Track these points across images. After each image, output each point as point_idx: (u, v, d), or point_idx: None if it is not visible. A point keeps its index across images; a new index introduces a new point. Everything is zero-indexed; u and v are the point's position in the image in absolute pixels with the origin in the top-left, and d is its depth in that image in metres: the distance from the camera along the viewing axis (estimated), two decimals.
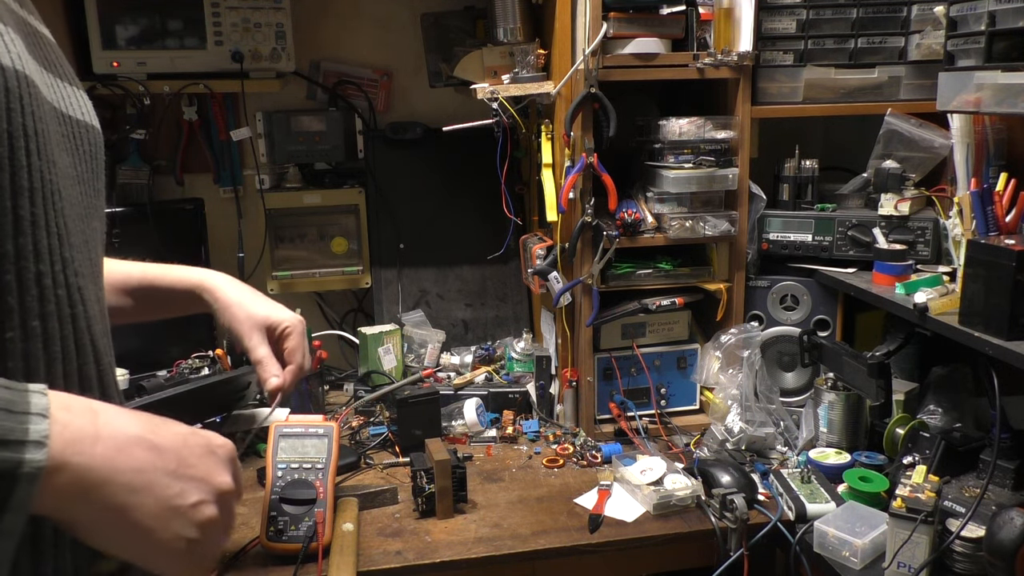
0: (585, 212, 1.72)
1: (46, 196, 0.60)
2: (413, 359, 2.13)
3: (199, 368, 1.90)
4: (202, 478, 0.61)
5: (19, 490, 0.50)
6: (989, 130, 1.56)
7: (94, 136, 0.73)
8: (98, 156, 0.74)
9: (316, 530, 1.35)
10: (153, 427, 0.60)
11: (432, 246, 2.23)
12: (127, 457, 0.56)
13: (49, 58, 0.70)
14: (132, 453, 0.57)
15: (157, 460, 0.58)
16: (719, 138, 1.75)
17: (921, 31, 1.74)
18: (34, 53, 0.65)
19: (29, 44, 0.64)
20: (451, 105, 2.22)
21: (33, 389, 0.53)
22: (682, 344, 1.89)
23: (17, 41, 0.60)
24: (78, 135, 0.70)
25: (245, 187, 2.19)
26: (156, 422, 0.61)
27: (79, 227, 0.67)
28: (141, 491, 0.56)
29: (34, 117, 0.59)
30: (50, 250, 0.60)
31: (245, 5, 1.97)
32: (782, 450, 1.72)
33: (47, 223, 0.60)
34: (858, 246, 1.75)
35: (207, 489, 0.61)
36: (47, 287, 0.60)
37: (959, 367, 1.66)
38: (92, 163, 0.72)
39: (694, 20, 1.74)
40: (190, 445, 0.62)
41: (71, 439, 0.53)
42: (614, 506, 1.53)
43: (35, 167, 0.59)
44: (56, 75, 0.69)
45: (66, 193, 0.64)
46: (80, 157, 0.70)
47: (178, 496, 0.58)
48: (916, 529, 1.24)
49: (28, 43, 0.64)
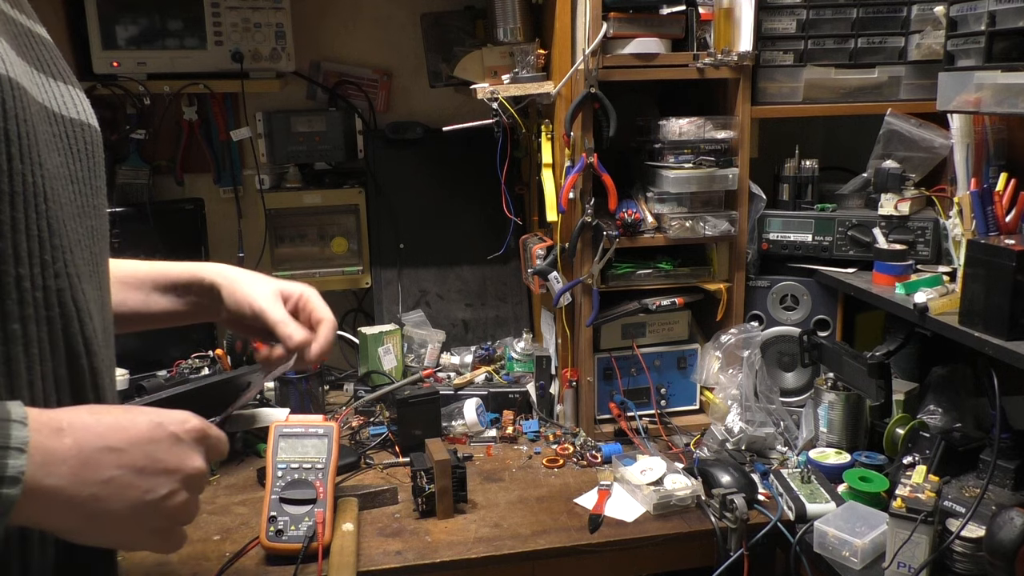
0: (585, 212, 1.72)
1: (27, 200, 0.60)
2: (413, 359, 2.13)
3: (199, 368, 1.90)
4: (172, 469, 0.64)
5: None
6: (989, 130, 1.56)
7: (91, 134, 0.73)
8: (96, 154, 0.74)
9: (316, 530, 1.35)
10: (117, 427, 0.62)
11: (432, 246, 2.23)
12: (93, 470, 0.59)
13: (43, 58, 0.70)
14: (99, 464, 0.59)
15: (125, 462, 0.61)
16: (719, 138, 1.75)
17: (921, 31, 1.74)
18: (25, 54, 0.65)
19: (19, 45, 0.65)
20: (451, 105, 2.22)
21: (15, 418, 0.55)
22: (682, 344, 1.89)
23: (2, 43, 0.60)
24: (72, 134, 0.70)
25: (245, 187, 2.19)
26: (123, 422, 0.63)
27: (73, 226, 0.67)
28: (110, 499, 0.60)
29: (17, 120, 0.59)
30: (30, 253, 0.61)
31: (245, 5, 1.97)
32: (782, 450, 1.72)
33: (27, 226, 0.61)
34: (858, 246, 1.75)
35: (177, 478, 0.64)
36: (26, 290, 0.61)
37: (959, 367, 1.66)
38: (89, 161, 0.72)
39: (694, 20, 1.74)
40: (156, 440, 0.64)
41: (41, 462, 0.56)
42: (614, 506, 1.53)
43: (16, 171, 0.59)
44: (50, 75, 0.69)
45: (57, 193, 0.64)
46: (74, 156, 0.70)
47: (148, 492, 0.62)
48: (916, 529, 1.24)
49: (18, 44, 0.64)
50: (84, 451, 0.59)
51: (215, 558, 1.37)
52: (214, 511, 1.53)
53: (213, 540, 1.43)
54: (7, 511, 0.53)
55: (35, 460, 0.55)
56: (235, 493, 1.60)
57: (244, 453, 1.77)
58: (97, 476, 0.59)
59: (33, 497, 0.55)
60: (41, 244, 0.62)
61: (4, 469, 0.53)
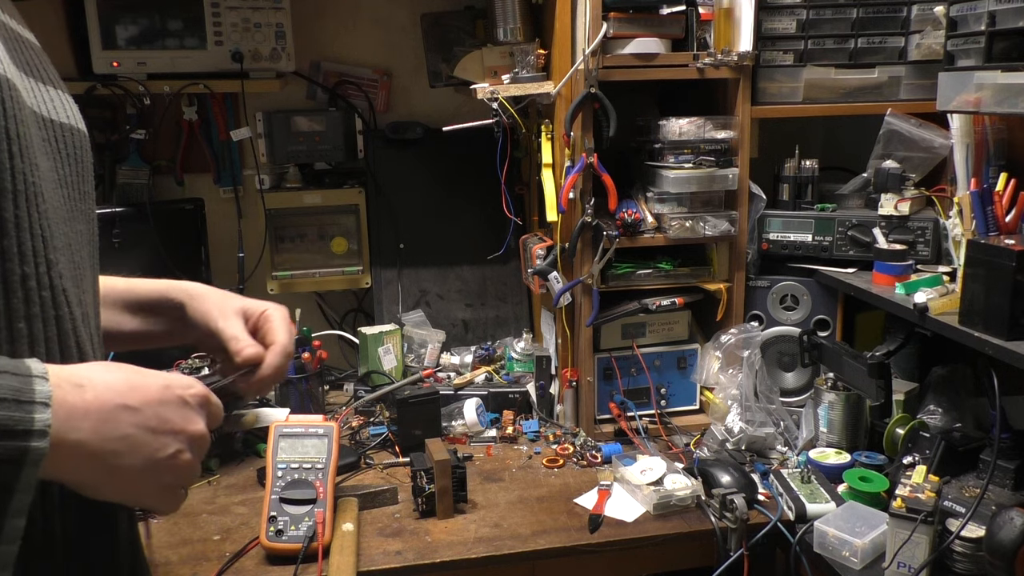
0: (585, 212, 1.72)
1: (30, 198, 0.61)
2: (413, 359, 2.13)
3: (199, 368, 1.90)
4: (179, 430, 0.66)
5: (25, 473, 0.54)
6: (989, 130, 1.56)
7: (79, 139, 0.73)
8: (84, 159, 0.74)
9: (316, 530, 1.35)
10: (132, 387, 0.64)
11: (432, 246, 2.23)
12: (113, 426, 0.61)
13: (32, 62, 0.70)
14: (118, 421, 0.61)
15: (139, 421, 0.63)
16: (719, 138, 1.75)
17: (921, 31, 1.74)
18: (15, 58, 0.65)
19: (10, 49, 0.65)
20: (451, 105, 2.22)
21: (36, 373, 0.57)
22: (682, 344, 1.88)
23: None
24: (61, 138, 0.70)
25: (245, 187, 2.19)
26: (135, 381, 0.65)
27: (62, 230, 0.67)
28: (127, 454, 0.62)
29: (16, 120, 0.60)
30: (34, 252, 0.61)
31: (245, 5, 1.97)
32: (782, 450, 1.72)
33: (31, 225, 0.61)
34: (858, 246, 1.75)
35: (183, 438, 0.66)
36: (32, 289, 0.61)
37: (959, 367, 1.66)
38: (77, 166, 0.72)
39: (694, 20, 1.74)
40: (166, 401, 0.66)
41: (66, 417, 0.58)
42: (614, 506, 1.53)
43: (18, 169, 0.60)
44: (38, 79, 0.70)
45: (48, 196, 0.64)
46: (63, 160, 0.70)
47: (159, 451, 0.64)
48: (916, 529, 1.24)
49: (9, 48, 0.64)
50: (105, 407, 0.61)
51: (215, 558, 1.37)
52: (214, 511, 1.53)
53: (213, 540, 1.43)
54: (37, 463, 0.55)
55: (59, 414, 0.57)
56: (235, 493, 1.60)
57: (244, 453, 1.77)
58: (116, 432, 0.61)
59: (58, 451, 0.56)
60: (45, 243, 0.62)
61: (32, 423, 0.54)
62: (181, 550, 1.39)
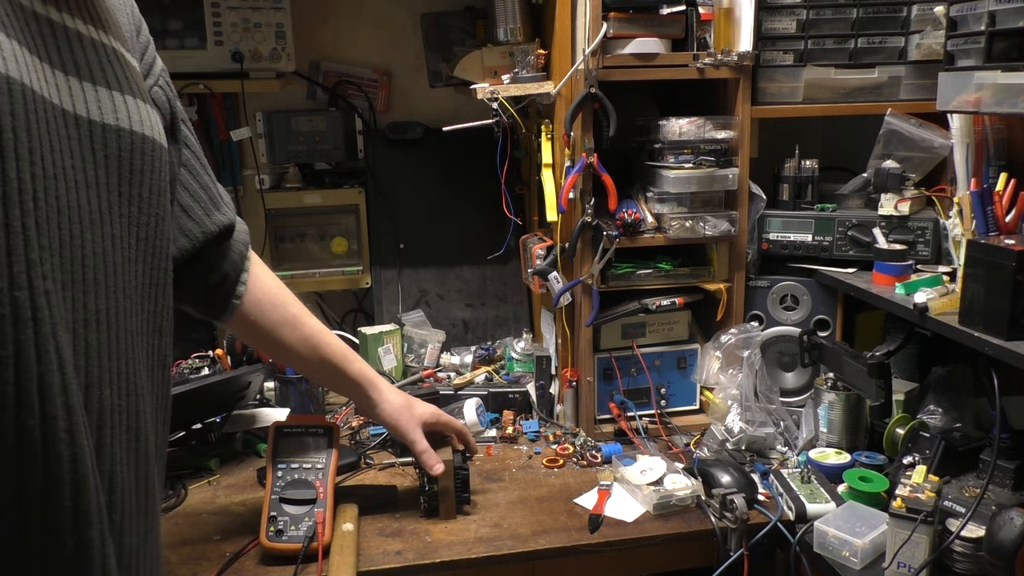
0: (585, 212, 1.72)
1: (9, 195, 0.57)
2: (413, 359, 2.13)
3: (199, 368, 1.90)
4: None
5: None
6: (989, 130, 1.56)
7: (133, 142, 0.71)
8: (133, 162, 0.72)
9: (316, 530, 1.35)
10: None
11: (432, 246, 2.23)
12: None
13: (79, 60, 0.67)
14: None
15: None
16: (719, 138, 1.75)
17: (921, 31, 1.74)
18: (44, 53, 0.64)
19: (41, 43, 0.63)
20: (451, 105, 2.22)
21: None
22: (682, 344, 1.89)
23: (10, 42, 0.59)
24: (100, 139, 0.68)
25: (245, 187, 2.19)
26: None
27: (73, 231, 0.64)
28: None
29: (12, 116, 0.57)
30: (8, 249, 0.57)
31: (245, 5, 1.97)
32: (782, 450, 1.72)
33: (8, 221, 0.57)
34: (858, 246, 1.75)
35: None
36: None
37: (959, 367, 1.66)
38: (122, 169, 0.70)
39: (694, 20, 1.74)
40: None
41: None
42: (614, 506, 1.53)
43: None
44: (86, 78, 0.67)
45: (62, 196, 0.62)
46: (100, 162, 0.68)
47: None
48: (916, 529, 1.24)
49: (40, 42, 0.63)
50: None
51: (215, 558, 1.37)
52: (214, 511, 1.53)
53: (213, 540, 1.43)
54: None
55: None
56: (235, 493, 1.60)
57: (244, 453, 1.77)
58: None
59: None
60: (26, 242, 0.58)
61: None
62: (181, 550, 1.39)
